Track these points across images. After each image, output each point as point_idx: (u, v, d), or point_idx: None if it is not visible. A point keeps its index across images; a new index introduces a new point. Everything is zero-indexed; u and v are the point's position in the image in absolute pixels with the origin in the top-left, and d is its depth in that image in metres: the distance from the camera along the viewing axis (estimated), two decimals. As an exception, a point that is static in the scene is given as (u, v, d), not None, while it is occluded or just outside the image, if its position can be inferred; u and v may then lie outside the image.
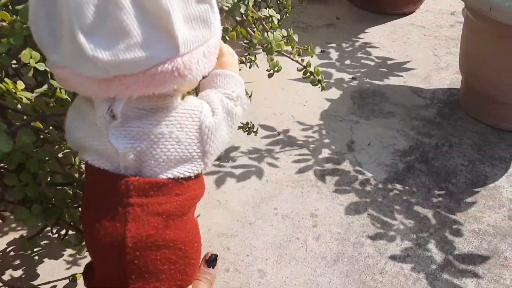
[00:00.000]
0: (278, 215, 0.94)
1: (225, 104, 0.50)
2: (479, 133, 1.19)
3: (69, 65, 0.40)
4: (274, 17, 0.82)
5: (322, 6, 1.82)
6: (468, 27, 1.18)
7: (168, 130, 0.45)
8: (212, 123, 0.47)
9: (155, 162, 0.45)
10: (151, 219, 0.46)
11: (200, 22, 0.42)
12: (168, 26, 0.39)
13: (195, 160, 0.48)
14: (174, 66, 0.40)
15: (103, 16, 0.37)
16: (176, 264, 0.49)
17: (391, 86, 1.37)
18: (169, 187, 0.47)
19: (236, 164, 1.06)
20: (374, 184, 1.03)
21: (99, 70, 0.39)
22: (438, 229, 0.93)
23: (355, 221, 0.94)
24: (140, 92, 0.42)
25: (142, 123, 0.44)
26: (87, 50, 0.37)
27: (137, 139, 0.44)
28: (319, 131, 1.18)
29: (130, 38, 0.38)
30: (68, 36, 0.38)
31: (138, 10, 0.38)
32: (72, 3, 0.36)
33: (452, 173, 1.07)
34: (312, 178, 1.03)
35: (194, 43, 0.41)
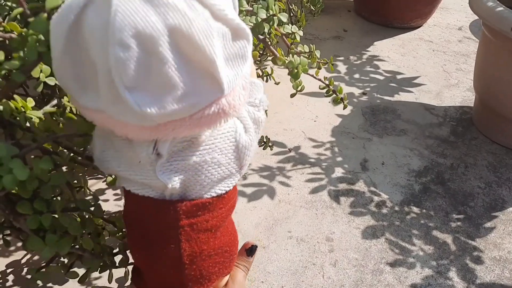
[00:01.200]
0: (292, 238, 0.90)
1: (252, 115, 0.51)
2: (494, 153, 1.17)
3: (107, 111, 0.38)
4: (297, 34, 0.78)
5: (329, 18, 1.79)
6: (485, 45, 1.16)
7: (211, 156, 0.47)
8: (247, 141, 0.49)
9: (199, 186, 0.48)
10: (201, 236, 0.49)
11: (239, 59, 0.41)
12: (213, 72, 0.38)
13: (234, 175, 0.50)
14: (219, 107, 0.40)
15: (147, 71, 0.35)
16: (224, 263, 0.54)
17: (402, 102, 1.34)
18: (214, 204, 0.49)
19: (247, 182, 1.02)
20: (390, 207, 0.99)
21: (146, 121, 0.38)
22: (459, 256, 0.90)
23: (372, 246, 0.90)
24: (186, 134, 0.42)
25: (186, 155, 0.45)
26: (134, 106, 0.36)
27: (183, 170, 0.46)
28: (331, 149, 1.14)
29: (177, 90, 0.37)
30: (107, 87, 0.36)
31: (182, 61, 0.36)
32: (112, 58, 0.34)
33: (469, 196, 1.03)
34: (326, 199, 0.99)
35: (235, 81, 0.41)
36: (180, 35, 0.35)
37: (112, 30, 0.33)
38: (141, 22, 0.34)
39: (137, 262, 0.56)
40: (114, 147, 0.47)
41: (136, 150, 0.44)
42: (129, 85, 0.35)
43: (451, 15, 1.92)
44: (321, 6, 1.22)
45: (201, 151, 0.46)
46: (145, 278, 0.55)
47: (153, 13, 0.34)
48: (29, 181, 0.47)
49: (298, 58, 0.75)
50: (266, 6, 0.74)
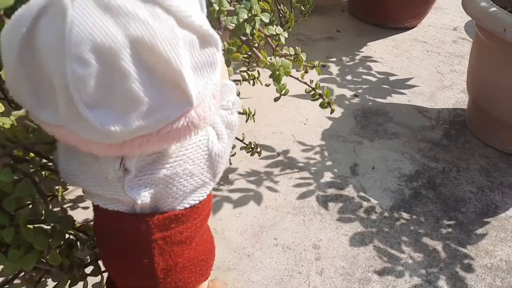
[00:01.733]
0: (278, 246, 0.87)
1: (225, 119, 0.50)
2: (487, 157, 1.14)
3: (68, 127, 0.35)
4: (281, 35, 0.75)
5: (322, 18, 1.76)
6: (478, 47, 1.13)
7: (182, 168, 0.44)
8: (221, 149, 0.47)
9: (171, 198, 0.46)
10: (175, 248, 0.48)
11: (208, 67, 0.38)
12: (180, 83, 0.35)
13: (207, 183, 0.48)
14: (188, 120, 0.38)
15: (109, 87, 0.33)
16: (200, 272, 0.53)
17: (394, 105, 1.31)
18: (187, 215, 0.48)
19: (233, 187, 0.99)
20: (379, 212, 0.97)
21: (110, 139, 0.35)
22: (449, 263, 0.87)
23: (360, 253, 0.88)
24: (153, 149, 0.39)
25: (155, 169, 0.43)
26: (96, 125, 0.33)
27: (152, 184, 0.44)
28: (321, 152, 1.11)
29: (142, 105, 0.34)
30: (66, 103, 0.33)
31: (146, 74, 0.33)
32: (69, 74, 0.31)
33: (461, 201, 1.01)
34: (314, 204, 0.97)
35: (204, 91, 0.38)
36: (143, 47, 0.32)
37: (69, 44, 0.30)
38: (100, 34, 0.31)
39: (110, 275, 0.54)
40: (79, 161, 0.44)
41: (103, 165, 0.42)
42: (90, 103, 0.33)
43: (446, 15, 1.90)
44: (311, 7, 1.20)
45: (172, 163, 0.44)
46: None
47: (113, 24, 0.31)
48: None
49: (280, 60, 0.72)
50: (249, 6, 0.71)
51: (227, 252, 0.85)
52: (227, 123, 0.50)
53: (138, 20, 0.32)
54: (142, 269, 0.48)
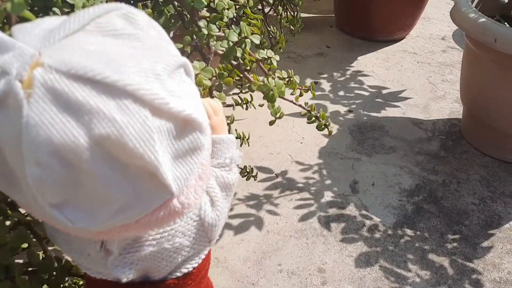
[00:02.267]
0: (283, 272, 0.85)
1: (221, 180, 0.46)
2: (486, 166, 1.14)
3: (39, 212, 0.31)
4: (273, 59, 0.75)
5: (311, 35, 1.77)
6: (469, 57, 1.13)
7: (171, 243, 0.41)
8: (214, 218, 0.44)
9: (162, 270, 0.42)
10: None
11: (191, 153, 0.34)
12: (156, 176, 0.31)
13: (202, 250, 0.45)
14: (170, 210, 0.34)
15: (74, 187, 0.29)
16: None
17: (389, 118, 1.31)
18: (180, 284, 0.44)
19: (233, 213, 0.98)
20: (383, 230, 0.95)
21: (83, 233, 0.33)
22: (457, 280, 0.86)
23: (367, 275, 0.86)
24: (135, 234, 0.37)
25: (140, 246, 0.39)
26: (65, 222, 0.30)
27: (139, 260, 0.40)
28: (319, 171, 1.10)
29: (113, 204, 0.31)
30: (32, 200, 0.29)
31: (118, 170, 0.30)
32: (29, 177, 0.28)
33: (464, 213, 1.00)
34: (316, 226, 0.95)
35: (187, 177, 0.34)
36: (111, 144, 0.29)
37: (26, 146, 0.27)
38: (59, 136, 0.27)
39: None
40: (63, 233, 0.41)
41: (84, 243, 0.39)
42: (56, 203, 0.30)
43: (434, 25, 1.91)
44: (301, 26, 1.20)
45: (159, 239, 0.40)
46: None
47: (74, 123, 0.27)
48: None
49: (273, 80, 0.71)
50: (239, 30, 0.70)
51: (231, 282, 0.83)
52: (224, 183, 0.46)
53: (103, 117, 0.28)
54: None
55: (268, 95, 0.71)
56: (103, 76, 0.27)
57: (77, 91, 0.27)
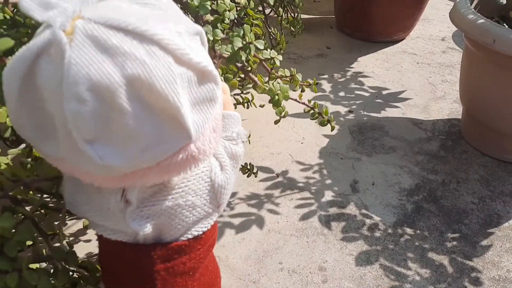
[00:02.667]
0: (284, 270, 0.86)
1: (229, 150, 0.50)
2: (485, 166, 1.14)
3: (70, 162, 0.36)
4: (276, 59, 0.76)
5: (311, 36, 1.78)
6: (468, 58, 1.14)
7: (183, 200, 0.45)
8: (224, 180, 0.48)
9: (174, 229, 0.46)
10: (178, 279, 0.48)
11: (207, 103, 0.39)
12: (178, 119, 0.36)
13: (211, 214, 0.48)
14: (188, 154, 0.39)
15: (107, 123, 0.33)
16: None
17: (389, 119, 1.32)
18: (190, 246, 0.48)
19: (235, 212, 0.98)
20: (383, 229, 0.96)
21: (110, 172, 0.36)
22: (456, 278, 0.87)
23: (367, 273, 0.87)
24: (154, 181, 0.40)
25: (157, 200, 0.43)
26: (95, 159, 0.34)
27: (155, 216, 0.44)
28: (319, 171, 1.11)
29: (141, 141, 0.35)
30: (66, 138, 0.34)
31: (145, 110, 0.34)
32: (68, 112, 0.32)
33: (463, 212, 1.01)
34: (317, 225, 0.96)
35: (204, 125, 0.39)
36: (140, 85, 0.33)
37: (67, 83, 0.31)
38: (96, 74, 0.31)
39: None
40: (84, 192, 0.45)
41: (105, 196, 0.43)
42: (89, 138, 0.33)
43: (433, 26, 1.92)
44: (301, 27, 1.21)
45: (174, 195, 0.44)
46: None
47: (110, 63, 0.32)
48: None
49: (278, 84, 0.72)
50: (242, 33, 0.71)
51: (232, 280, 0.84)
52: (231, 153, 0.50)
53: (135, 59, 0.32)
54: None
55: (273, 99, 0.73)
56: (134, 26, 0.32)
57: (112, 37, 0.32)
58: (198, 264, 0.50)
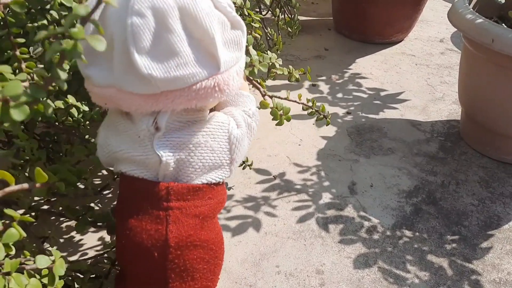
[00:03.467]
0: (281, 273, 0.85)
1: (246, 119, 0.57)
2: (485, 167, 1.13)
3: (116, 83, 0.45)
4: (276, 62, 0.76)
5: (309, 37, 1.77)
6: (467, 58, 1.13)
7: (204, 139, 0.51)
8: (239, 134, 0.54)
9: (192, 169, 0.51)
10: (189, 220, 0.51)
11: (234, 45, 0.49)
12: (211, 48, 0.45)
13: (224, 167, 0.54)
14: (215, 82, 0.47)
15: (157, 38, 0.42)
16: (208, 263, 0.54)
17: (388, 120, 1.31)
18: (204, 191, 0.53)
19: (231, 215, 0.97)
20: (381, 231, 0.95)
21: (151, 86, 0.44)
22: (456, 281, 0.85)
23: (365, 276, 0.85)
24: (184, 105, 0.47)
25: (182, 134, 0.50)
26: (142, 68, 0.42)
27: (177, 148, 0.50)
28: (317, 173, 1.10)
29: (180, 57, 0.44)
30: (120, 56, 0.43)
31: (186, 34, 0.44)
32: (129, 25, 0.41)
33: (463, 214, 0.99)
34: (314, 227, 0.95)
35: (230, 63, 0.48)
36: (187, 13, 0.43)
37: (132, 2, 0.41)
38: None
39: (120, 248, 0.55)
40: (116, 132, 0.52)
41: (137, 125, 0.49)
42: (141, 51, 0.42)
43: (432, 28, 1.91)
44: (298, 28, 1.20)
45: (196, 132, 0.51)
46: (127, 274, 0.56)
47: None
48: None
49: (282, 105, 0.76)
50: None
51: (228, 283, 0.82)
52: (248, 123, 0.57)
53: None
54: (156, 236, 0.50)
55: (276, 118, 0.76)
56: None
57: None
58: (208, 212, 0.54)
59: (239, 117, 0.56)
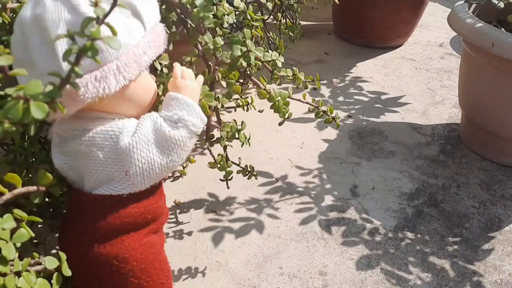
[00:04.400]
0: (284, 275, 0.85)
1: (158, 126, 0.51)
2: (485, 170, 1.14)
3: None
4: (278, 60, 0.76)
5: (310, 42, 1.78)
6: (467, 62, 1.15)
7: (89, 149, 0.49)
8: (125, 144, 0.49)
9: (87, 178, 0.51)
10: (84, 237, 0.52)
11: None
12: (55, 50, 0.44)
13: (121, 180, 0.51)
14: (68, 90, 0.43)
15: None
16: (124, 282, 0.54)
17: (388, 123, 1.32)
18: (105, 203, 0.51)
19: (234, 217, 0.98)
20: (383, 233, 0.95)
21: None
22: (458, 282, 0.86)
23: (368, 277, 0.86)
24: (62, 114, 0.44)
25: (74, 142, 0.49)
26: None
27: (71, 156, 0.50)
28: (319, 176, 1.10)
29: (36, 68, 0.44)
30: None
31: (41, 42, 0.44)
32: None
33: (464, 216, 1.00)
34: (317, 229, 0.95)
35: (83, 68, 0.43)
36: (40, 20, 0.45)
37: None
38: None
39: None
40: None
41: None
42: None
43: (431, 32, 1.93)
44: (300, 32, 1.21)
45: (83, 142, 0.49)
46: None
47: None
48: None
49: (279, 91, 0.73)
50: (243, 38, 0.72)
51: (232, 285, 0.83)
52: (160, 131, 0.51)
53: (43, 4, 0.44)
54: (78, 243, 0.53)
55: (274, 105, 0.74)
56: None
57: None
58: (112, 226, 0.52)
59: (143, 123, 0.51)
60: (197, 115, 0.54)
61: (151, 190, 0.54)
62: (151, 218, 0.55)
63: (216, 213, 0.98)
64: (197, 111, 0.54)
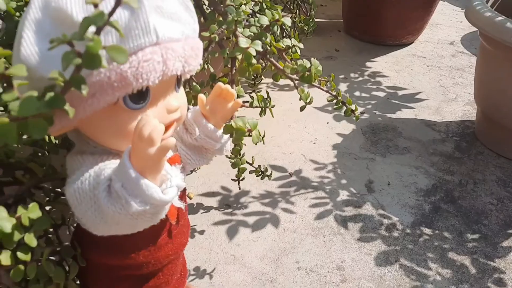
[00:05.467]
0: (301, 269, 0.83)
1: (112, 184, 0.38)
2: (502, 167, 1.12)
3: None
4: (297, 47, 0.74)
5: (320, 39, 1.77)
6: (484, 57, 1.13)
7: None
8: (69, 190, 0.41)
9: None
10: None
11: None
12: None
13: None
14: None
15: None
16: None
17: (402, 120, 1.30)
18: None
19: (248, 211, 0.96)
20: (401, 229, 0.93)
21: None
22: (479, 278, 0.84)
23: (387, 273, 0.84)
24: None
25: None
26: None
27: None
28: (334, 171, 1.09)
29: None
30: None
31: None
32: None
33: (482, 213, 0.98)
34: (333, 224, 0.93)
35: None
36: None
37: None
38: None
39: None
40: None
41: None
42: None
43: (442, 31, 1.91)
44: (314, 26, 1.20)
45: None
46: None
47: None
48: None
49: (308, 61, 0.70)
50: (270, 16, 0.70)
51: (248, 278, 0.81)
52: (94, 189, 0.40)
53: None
54: None
55: (303, 76, 0.70)
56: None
57: None
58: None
59: (85, 176, 0.41)
60: (139, 196, 0.38)
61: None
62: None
63: (229, 207, 0.96)
64: (140, 190, 0.37)
